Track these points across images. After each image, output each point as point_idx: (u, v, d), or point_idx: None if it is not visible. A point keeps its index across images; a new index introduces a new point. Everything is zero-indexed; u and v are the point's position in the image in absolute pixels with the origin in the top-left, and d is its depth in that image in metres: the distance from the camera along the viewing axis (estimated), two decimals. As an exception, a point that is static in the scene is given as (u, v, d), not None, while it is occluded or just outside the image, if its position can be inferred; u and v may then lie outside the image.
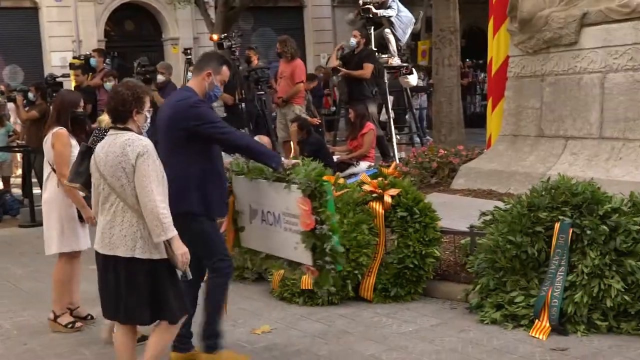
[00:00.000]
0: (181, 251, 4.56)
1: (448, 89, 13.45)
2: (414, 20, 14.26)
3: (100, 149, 4.66)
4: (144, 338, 5.26)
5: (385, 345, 5.62)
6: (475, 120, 22.01)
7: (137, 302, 4.61)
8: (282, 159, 5.39)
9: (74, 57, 16.28)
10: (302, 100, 12.32)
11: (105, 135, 5.64)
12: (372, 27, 13.09)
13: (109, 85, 12.05)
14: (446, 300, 6.53)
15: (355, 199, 6.81)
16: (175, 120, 5.14)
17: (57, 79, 12.61)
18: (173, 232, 4.52)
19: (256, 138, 8.35)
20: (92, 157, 4.72)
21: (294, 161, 5.33)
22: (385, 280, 6.56)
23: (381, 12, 13.35)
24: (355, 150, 11.20)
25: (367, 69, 12.15)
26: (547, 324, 5.64)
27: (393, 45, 13.70)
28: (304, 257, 5.22)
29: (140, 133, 4.73)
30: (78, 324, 6.33)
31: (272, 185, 5.41)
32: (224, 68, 5.41)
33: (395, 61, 13.66)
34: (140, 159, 4.48)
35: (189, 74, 13.01)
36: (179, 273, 4.65)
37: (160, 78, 11.85)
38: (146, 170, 4.48)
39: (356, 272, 6.53)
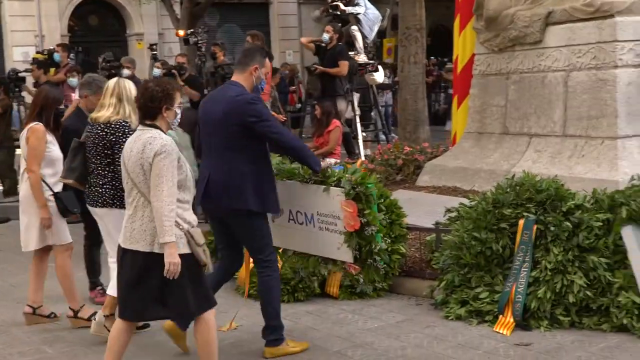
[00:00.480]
0: (171, 260, 4.48)
1: (413, 86, 13.49)
2: (380, 17, 14.30)
3: (128, 143, 4.68)
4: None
5: (351, 341, 5.63)
6: (440, 118, 22.15)
7: (149, 298, 4.59)
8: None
9: (37, 52, 16.06)
10: (267, 97, 12.29)
11: (97, 130, 5.77)
12: (340, 24, 13.09)
13: (72, 80, 11.92)
14: (411, 296, 6.55)
15: (321, 195, 6.81)
16: (232, 115, 5.18)
17: (20, 74, 12.46)
18: (171, 238, 4.45)
19: None
20: (123, 151, 4.71)
21: (328, 162, 5.47)
22: (351, 277, 6.58)
23: (349, 9, 13.37)
24: (321, 147, 11.18)
25: (344, 67, 12.13)
26: (511, 320, 5.69)
27: (359, 43, 13.72)
28: (347, 256, 5.58)
29: (169, 129, 4.75)
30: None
31: (305, 187, 5.70)
32: (267, 60, 5.49)
33: (362, 58, 13.68)
34: (157, 158, 4.47)
35: (155, 69, 12.90)
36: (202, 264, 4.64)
37: (125, 72, 11.75)
38: (161, 169, 4.46)
39: (322, 269, 6.54)
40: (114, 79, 6.02)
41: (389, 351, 5.42)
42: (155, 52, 15.44)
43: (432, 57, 25.15)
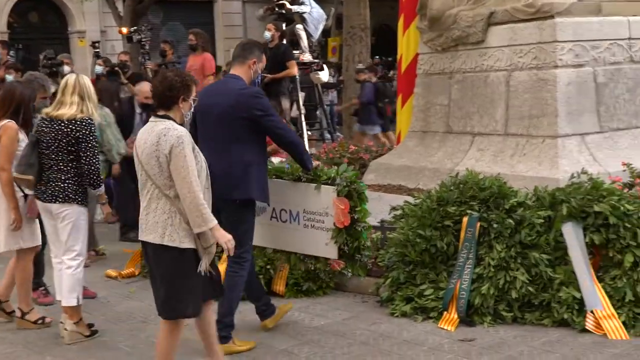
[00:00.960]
0: (226, 239, 4.58)
1: (358, 85, 13.57)
2: (325, 16, 14.30)
3: (141, 134, 4.64)
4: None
5: (298, 339, 5.64)
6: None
7: (163, 292, 4.61)
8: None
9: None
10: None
11: (59, 127, 5.72)
12: (284, 23, 13.07)
13: (9, 78, 11.66)
14: (357, 294, 6.58)
15: (267, 194, 6.82)
16: (238, 108, 5.28)
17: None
18: (213, 222, 4.52)
19: None
20: (135, 142, 4.64)
21: (317, 162, 5.72)
22: (297, 275, 6.58)
23: (295, 8, 13.35)
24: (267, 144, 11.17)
25: (293, 67, 12.06)
26: (455, 316, 5.77)
27: (304, 42, 13.71)
28: (332, 252, 5.76)
29: (182, 121, 4.72)
30: (47, 319, 6.13)
31: (293, 185, 5.89)
32: (263, 56, 5.63)
33: (307, 57, 13.68)
34: (175, 151, 4.44)
35: (97, 67, 12.74)
36: (201, 266, 4.59)
37: (66, 69, 11.57)
38: (183, 161, 4.45)
39: (268, 267, 6.54)
40: (73, 76, 5.95)
41: (335, 348, 5.44)
42: (97, 50, 15.23)
43: (376, 57, 25.28)
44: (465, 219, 5.95)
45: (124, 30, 13.53)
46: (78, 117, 5.75)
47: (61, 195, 5.74)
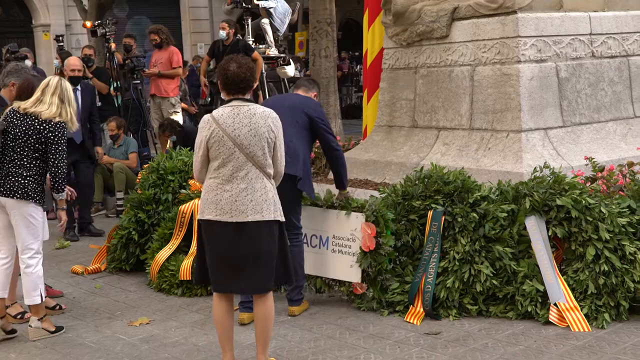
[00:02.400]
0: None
1: (325, 80, 13.61)
2: (290, 10, 14.32)
3: (231, 119, 4.69)
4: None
5: (264, 334, 5.65)
6: (351, 112, 22.34)
7: (269, 267, 4.77)
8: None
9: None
10: (177, 91, 12.19)
11: (32, 122, 5.69)
12: (250, 18, 13.06)
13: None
14: (324, 288, 6.61)
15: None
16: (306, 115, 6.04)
17: None
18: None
19: None
20: (213, 129, 4.68)
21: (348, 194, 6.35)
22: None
23: (262, 3, 13.34)
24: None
25: (260, 58, 12.10)
26: (421, 310, 5.82)
27: (270, 36, 13.72)
28: (356, 276, 6.00)
29: None
30: (27, 315, 6.04)
31: (325, 212, 6.28)
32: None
33: (273, 52, 13.68)
34: (281, 132, 4.82)
35: (55, 61, 12.63)
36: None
37: (28, 63, 11.46)
38: (281, 142, 4.84)
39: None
40: (55, 78, 5.92)
41: (302, 342, 5.47)
42: (62, 44, 15.09)
43: (343, 51, 25.33)
44: (430, 213, 6.00)
45: (88, 24, 13.38)
46: (55, 119, 5.74)
47: (20, 192, 5.66)
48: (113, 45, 12.03)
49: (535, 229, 5.79)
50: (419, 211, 6.08)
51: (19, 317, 6.13)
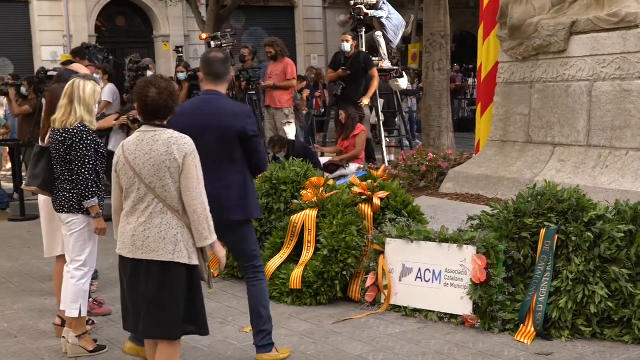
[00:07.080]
0: (223, 253, 4.54)
1: (437, 92, 13.56)
2: (404, 23, 14.34)
3: (134, 146, 4.33)
4: None
5: (373, 346, 5.68)
6: (464, 125, 22.16)
7: (170, 312, 4.34)
8: None
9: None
10: (291, 102, 12.38)
11: (56, 135, 5.57)
12: (364, 30, 13.15)
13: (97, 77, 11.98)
14: (433, 303, 6.59)
15: (344, 200, 6.89)
16: (234, 127, 5.08)
17: (49, 73, 12.59)
18: (215, 236, 4.39)
19: None
20: (119, 156, 4.39)
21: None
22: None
23: (372, 12, 13.41)
24: (345, 151, 11.25)
25: (376, 76, 12.19)
26: (532, 329, 5.72)
27: (383, 48, 13.77)
28: (467, 308, 6.00)
29: None
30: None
31: (438, 246, 6.25)
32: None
33: (386, 64, 13.73)
34: (189, 159, 4.27)
35: (179, 74, 13.02)
36: (210, 284, 4.54)
37: (149, 73, 11.87)
38: (194, 171, 4.29)
39: (344, 273, 6.60)
40: (72, 79, 5.68)
41: (410, 356, 5.46)
42: (181, 55, 15.59)
43: (455, 64, 25.17)
44: (542, 231, 5.89)
45: (204, 35, 13.77)
46: (69, 123, 5.55)
47: (67, 206, 5.61)
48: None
49: (655, 251, 5.61)
50: (531, 229, 5.98)
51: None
